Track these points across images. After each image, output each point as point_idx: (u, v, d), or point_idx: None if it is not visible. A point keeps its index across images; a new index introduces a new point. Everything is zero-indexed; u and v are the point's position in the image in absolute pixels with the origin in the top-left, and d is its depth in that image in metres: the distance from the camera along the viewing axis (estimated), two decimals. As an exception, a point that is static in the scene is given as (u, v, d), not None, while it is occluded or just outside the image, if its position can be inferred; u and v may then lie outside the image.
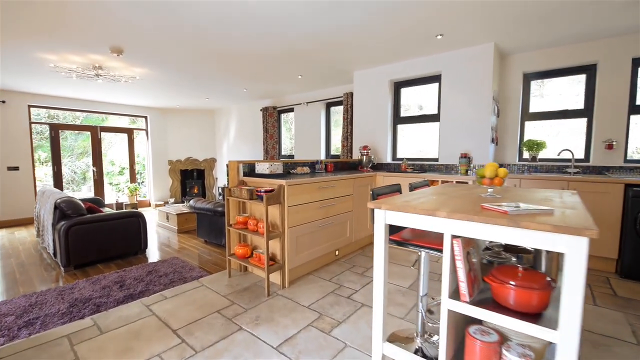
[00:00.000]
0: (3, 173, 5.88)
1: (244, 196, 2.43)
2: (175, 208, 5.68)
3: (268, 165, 2.66)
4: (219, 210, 4.26)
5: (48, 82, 5.18)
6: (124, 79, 4.58)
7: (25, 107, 6.07)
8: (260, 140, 6.94)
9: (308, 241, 2.72)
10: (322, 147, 5.79)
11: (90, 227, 3.70)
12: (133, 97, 6.45)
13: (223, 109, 8.05)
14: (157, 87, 5.54)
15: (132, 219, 4.05)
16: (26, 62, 4.00)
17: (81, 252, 3.64)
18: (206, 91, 5.88)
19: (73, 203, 3.67)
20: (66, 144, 8.85)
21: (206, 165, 8.35)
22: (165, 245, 4.65)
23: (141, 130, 7.94)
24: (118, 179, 10.05)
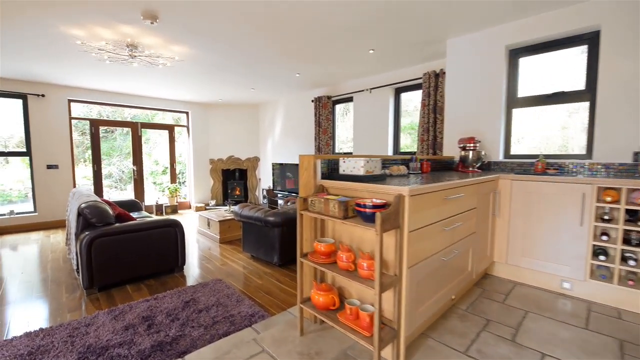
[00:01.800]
0: (42, 171, 5.52)
1: (334, 212, 1.44)
2: (218, 213, 4.92)
3: (363, 162, 1.67)
4: (271, 220, 3.37)
5: (82, 70, 4.66)
6: (162, 60, 3.87)
7: (65, 101, 5.69)
8: (310, 135, 6.03)
9: (429, 286, 1.68)
10: (390, 141, 4.72)
11: (119, 239, 2.96)
12: (174, 89, 5.84)
13: (268, 103, 7.27)
14: (199, 74, 4.82)
15: (167, 229, 3.28)
16: (52, 39, 3.41)
17: (106, 271, 2.91)
18: (253, 78, 5.07)
19: (98, 209, 2.95)
20: (115, 143, 8.68)
21: (249, 165, 7.63)
22: (205, 259, 3.86)
23: (182, 127, 7.41)
24: (161, 179, 9.77)
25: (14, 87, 5.18)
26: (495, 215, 2.54)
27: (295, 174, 6.06)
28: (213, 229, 4.72)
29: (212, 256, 3.99)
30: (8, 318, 2.47)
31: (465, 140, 2.97)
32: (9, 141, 5.64)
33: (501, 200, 2.55)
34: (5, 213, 5.29)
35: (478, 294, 2.35)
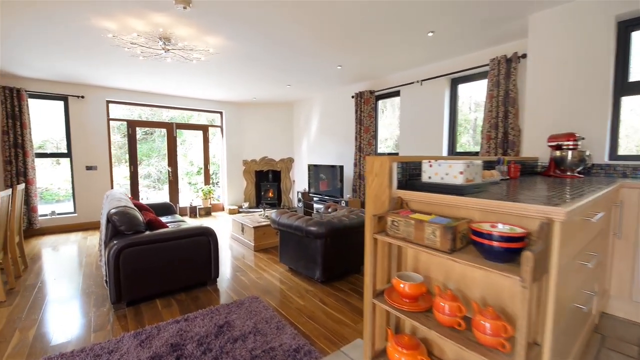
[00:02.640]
0: (82, 173, 5.54)
1: (433, 241, 0.89)
2: (252, 219, 4.60)
3: (463, 166, 1.16)
4: (313, 230, 2.94)
5: (117, 68, 4.56)
6: (195, 54, 3.59)
7: (104, 102, 5.68)
8: (350, 135, 5.55)
9: (564, 347, 1.15)
10: (444, 140, 4.12)
11: (148, 249, 2.68)
12: (208, 87, 5.64)
13: (304, 100, 6.90)
14: (234, 69, 4.53)
15: (200, 238, 2.96)
16: (84, 34, 3.25)
17: (135, 284, 2.64)
18: (290, 73, 4.70)
19: (128, 216, 2.69)
20: (154, 145, 8.79)
21: (283, 166, 7.31)
22: (239, 270, 3.52)
23: (216, 128, 7.25)
24: (196, 179, 9.79)
25: (56, 88, 5.22)
26: (617, 236, 1.92)
27: (330, 175, 5.61)
28: (247, 235, 4.40)
29: (247, 266, 3.65)
30: (32, 336, 2.25)
31: (561, 137, 2.34)
32: (51, 143, 5.73)
33: (624, 217, 1.92)
34: (47, 213, 5.35)
35: (598, 342, 1.75)
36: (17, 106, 4.80)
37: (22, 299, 2.85)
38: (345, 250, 3.20)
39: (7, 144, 4.75)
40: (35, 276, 3.39)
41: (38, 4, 2.59)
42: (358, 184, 5.13)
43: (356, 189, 5.16)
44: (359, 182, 5.11)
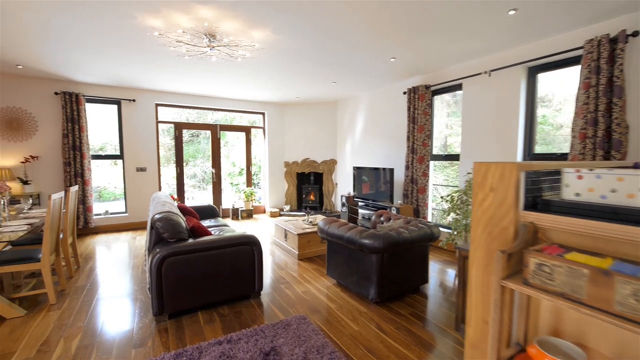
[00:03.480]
0: (132, 174, 5.69)
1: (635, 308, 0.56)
2: (296, 224, 4.33)
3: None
4: (367, 244, 2.57)
5: (164, 69, 4.58)
6: (241, 51, 3.40)
7: (153, 105, 5.80)
8: (401, 135, 5.08)
9: None
10: (519, 139, 3.52)
11: (191, 258, 2.50)
12: (251, 88, 5.51)
13: (349, 99, 6.54)
14: (278, 66, 4.32)
15: (244, 248, 2.74)
16: (132, 33, 3.21)
17: (177, 295, 2.47)
18: (337, 69, 4.37)
19: (171, 223, 2.53)
20: (200, 146, 9.04)
21: (325, 168, 7.01)
22: (283, 281, 3.26)
23: (258, 129, 7.16)
24: (237, 180, 9.90)
25: (110, 93, 5.41)
26: None
27: (377, 179, 5.18)
28: (291, 242, 4.14)
29: (291, 277, 3.38)
30: (75, 347, 2.15)
31: None
32: (110, 145, 5.98)
33: None
34: (100, 213, 5.57)
35: None
36: (75, 110, 5.02)
37: (70, 302, 2.83)
38: (403, 267, 2.78)
39: (67, 146, 4.99)
40: (86, 277, 3.41)
41: (87, 4, 2.53)
42: (410, 189, 4.64)
43: (408, 194, 4.69)
44: (411, 187, 4.63)
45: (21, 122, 4.82)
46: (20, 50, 3.60)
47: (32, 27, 2.98)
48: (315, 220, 4.47)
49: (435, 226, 2.96)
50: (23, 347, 2.16)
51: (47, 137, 5.00)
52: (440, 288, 3.13)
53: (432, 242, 2.96)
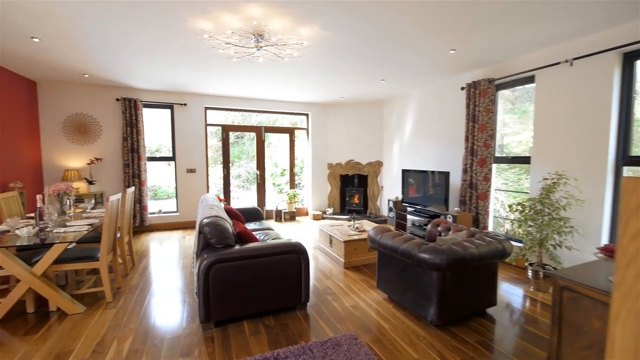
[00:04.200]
0: (183, 175, 5.91)
1: None
2: (341, 230, 4.12)
3: None
4: (427, 259, 2.27)
5: (212, 70, 4.64)
6: (288, 50, 3.28)
7: (202, 109, 5.98)
8: (457, 135, 4.64)
9: None
10: (611, 139, 2.95)
11: (237, 266, 2.41)
12: (296, 88, 5.43)
13: (397, 98, 6.19)
14: (325, 65, 4.15)
15: (290, 257, 2.59)
16: (183, 37, 3.24)
17: (224, 303, 2.39)
18: (387, 65, 4.09)
19: (219, 229, 2.46)
20: (244, 147, 9.29)
21: (370, 171, 6.71)
22: (329, 292, 3.06)
23: (302, 130, 7.08)
24: (279, 180, 9.99)
25: (164, 98, 5.66)
26: None
27: (429, 183, 4.79)
28: (336, 249, 3.94)
29: (338, 288, 3.17)
30: (126, 350, 2.15)
31: None
32: (165, 146, 6.28)
33: None
34: (155, 211, 5.85)
35: None
36: (133, 115, 5.32)
37: (125, 300, 2.91)
38: (469, 287, 2.44)
39: (126, 149, 5.30)
40: (139, 276, 3.53)
41: (143, 9, 2.56)
42: (468, 195, 4.19)
43: (465, 200, 4.24)
44: (470, 193, 4.18)
45: (88, 127, 5.22)
46: (86, 60, 3.84)
47: (96, 37, 3.13)
48: (362, 226, 4.22)
49: (506, 241, 2.56)
50: (80, 346, 2.22)
51: (109, 140, 5.36)
52: (508, 311, 2.72)
53: (504, 259, 2.56)
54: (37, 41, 3.24)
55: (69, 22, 2.80)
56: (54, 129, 5.04)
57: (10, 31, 2.99)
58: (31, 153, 4.76)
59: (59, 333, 2.37)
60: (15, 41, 3.24)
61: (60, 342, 2.27)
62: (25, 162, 4.59)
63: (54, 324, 2.51)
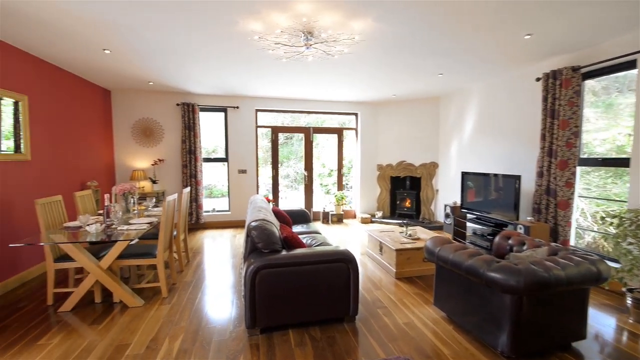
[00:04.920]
0: (235, 175, 6.11)
1: None
2: (393, 237, 3.85)
3: None
4: (499, 280, 1.93)
5: (262, 71, 4.68)
6: (338, 47, 3.12)
7: (253, 111, 6.11)
8: (531, 133, 4.05)
9: None
10: None
11: (284, 272, 2.32)
12: (345, 87, 5.26)
13: (455, 93, 5.68)
14: (377, 61, 3.94)
15: (338, 265, 2.43)
16: (234, 39, 3.25)
17: (269, 310, 2.32)
18: (446, 57, 3.73)
19: (266, 233, 2.40)
20: (292, 148, 9.41)
21: (424, 173, 6.27)
22: (380, 306, 2.83)
23: (350, 130, 6.89)
24: (327, 181, 9.92)
25: (219, 101, 5.90)
26: None
27: (494, 187, 4.27)
28: (387, 257, 3.68)
29: (389, 300, 2.93)
30: (176, 349, 2.18)
31: None
32: (221, 148, 6.57)
33: None
34: (209, 210, 6.13)
35: None
36: (191, 119, 5.62)
37: (178, 297, 3.01)
38: (551, 315, 2.04)
39: (184, 150, 5.62)
40: (192, 273, 3.66)
41: (197, 16, 2.60)
42: (545, 203, 3.62)
43: (541, 209, 3.67)
44: (547, 200, 3.61)
45: (152, 131, 5.64)
46: (150, 68, 4.11)
47: (157, 46, 3.30)
48: (415, 233, 3.90)
49: (602, 262, 2.09)
50: (136, 340, 2.31)
51: (170, 142, 5.74)
52: (600, 346, 2.23)
53: (598, 285, 2.10)
54: (108, 53, 3.53)
55: (133, 33, 2.97)
56: (124, 132, 5.54)
57: (85, 45, 3.28)
58: (106, 155, 5.28)
59: (119, 325, 2.51)
60: (90, 54, 3.56)
61: (120, 334, 2.39)
62: (100, 163, 5.10)
63: (117, 315, 2.67)
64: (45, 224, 2.83)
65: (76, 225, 2.90)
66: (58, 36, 3.05)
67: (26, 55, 3.47)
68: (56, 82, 3.99)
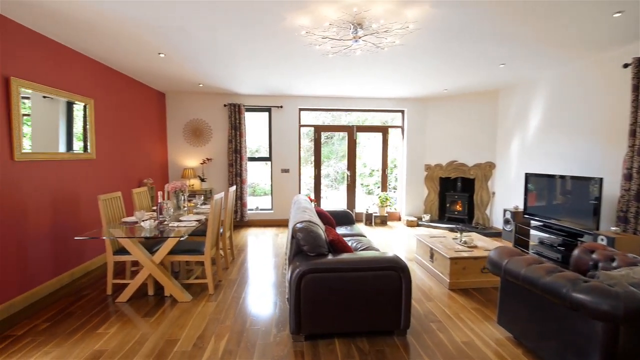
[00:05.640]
0: (278, 175, 6.14)
1: None
2: (445, 243, 3.54)
3: None
4: (590, 304, 1.61)
5: (309, 70, 4.60)
6: (389, 38, 2.92)
7: (297, 110, 6.09)
8: (616, 128, 3.49)
9: None
10: None
11: (331, 278, 2.20)
12: (392, 83, 5.01)
13: (517, 85, 5.13)
14: (431, 51, 3.67)
15: (389, 274, 2.25)
16: (280, 36, 3.19)
17: (314, 316, 2.21)
18: (511, 44, 3.34)
19: (312, 236, 2.30)
20: (333, 148, 9.33)
21: (478, 173, 5.76)
22: (434, 319, 2.58)
23: (396, 128, 6.58)
24: (367, 181, 9.66)
25: (263, 101, 5.97)
26: None
27: (555, 189, 3.75)
28: (439, 265, 3.39)
29: (444, 315, 2.67)
30: (221, 349, 2.16)
31: None
32: (264, 148, 6.68)
33: None
34: (252, 208, 6.24)
35: None
36: (237, 119, 5.75)
37: (224, 295, 3.03)
38: (659, 350, 1.66)
39: (231, 150, 5.77)
40: (237, 271, 3.69)
41: (244, 12, 2.57)
42: (634, 211, 3.07)
43: (628, 217, 3.12)
44: (637, 207, 3.05)
45: (202, 131, 5.87)
46: (200, 69, 4.24)
47: (206, 47, 3.36)
48: (472, 240, 3.55)
49: None
50: (185, 336, 2.33)
51: (217, 142, 5.93)
52: None
53: None
54: (162, 56, 3.69)
55: (185, 35, 3.04)
56: (176, 133, 5.84)
57: (143, 49, 3.45)
58: (160, 154, 5.59)
59: (169, 319, 2.57)
60: (146, 58, 3.75)
61: (170, 328, 2.44)
62: (155, 162, 5.41)
63: (167, 308, 2.75)
64: (106, 218, 3.01)
65: (133, 221, 3.05)
66: (117, 42, 3.23)
67: (91, 61, 3.74)
68: (117, 86, 4.28)
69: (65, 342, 2.25)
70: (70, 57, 3.39)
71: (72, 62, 3.41)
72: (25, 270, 2.82)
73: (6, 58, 2.63)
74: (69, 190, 3.35)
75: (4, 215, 2.61)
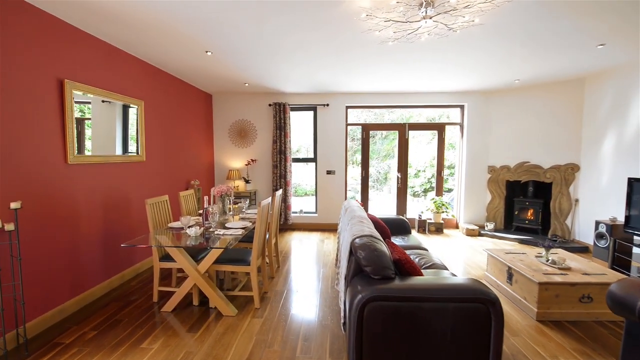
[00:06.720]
0: (323, 176, 5.84)
1: None
2: (527, 262, 2.94)
3: None
4: None
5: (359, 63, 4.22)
6: (466, 17, 2.42)
7: (343, 108, 5.73)
8: None
9: None
10: None
11: (398, 307, 1.80)
12: (452, 75, 4.44)
13: (613, 70, 4.25)
14: (519, 28, 3.08)
15: (474, 306, 1.79)
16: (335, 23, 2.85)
17: (380, 354, 1.82)
18: (617, 18, 2.65)
19: (376, 255, 1.92)
20: (375, 147, 8.84)
21: (556, 177, 4.93)
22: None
23: (454, 125, 5.92)
24: (413, 182, 8.99)
25: (309, 100, 5.70)
26: None
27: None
28: (521, 288, 2.82)
29: (535, 355, 2.13)
30: (270, 385, 1.87)
31: None
32: (306, 148, 6.43)
33: None
34: (296, 211, 6.00)
35: None
36: (282, 119, 5.54)
37: (270, 311, 2.77)
38: None
39: (275, 151, 5.58)
40: (283, 281, 3.43)
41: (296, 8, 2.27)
42: None
43: None
44: None
45: (247, 132, 5.76)
46: (246, 67, 4.06)
47: (254, 41, 3.13)
48: (564, 260, 2.90)
49: None
50: (230, 359, 2.09)
51: (262, 143, 5.78)
52: None
53: None
54: (210, 54, 3.54)
55: (231, 28, 2.83)
56: (222, 134, 5.79)
57: (190, 48, 3.32)
58: (207, 155, 5.57)
59: (214, 337, 2.36)
60: (194, 57, 3.63)
61: (215, 348, 2.22)
62: (202, 163, 5.39)
63: (212, 323, 2.56)
64: (153, 223, 2.90)
65: (179, 227, 2.91)
66: (167, 41, 3.12)
67: (140, 62, 3.72)
68: (166, 87, 4.25)
69: (109, 357, 2.13)
70: (122, 59, 3.37)
71: (123, 64, 3.39)
72: (78, 273, 2.80)
73: (59, 60, 2.61)
74: (120, 192, 3.33)
75: (57, 218, 2.59)
